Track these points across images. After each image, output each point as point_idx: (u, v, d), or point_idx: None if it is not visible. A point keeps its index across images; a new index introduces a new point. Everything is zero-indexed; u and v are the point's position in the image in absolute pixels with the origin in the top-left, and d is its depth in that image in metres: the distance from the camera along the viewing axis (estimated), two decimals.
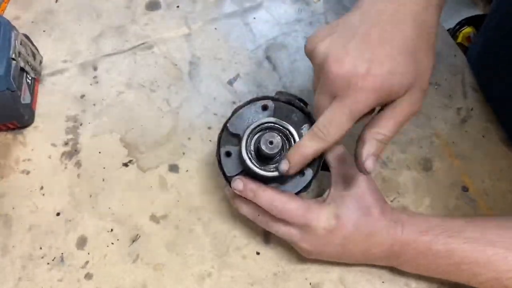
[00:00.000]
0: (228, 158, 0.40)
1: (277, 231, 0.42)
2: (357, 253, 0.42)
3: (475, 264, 0.39)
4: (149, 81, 0.57)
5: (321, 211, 0.40)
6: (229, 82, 0.57)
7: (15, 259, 0.47)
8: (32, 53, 0.54)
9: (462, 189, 0.50)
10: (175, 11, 0.63)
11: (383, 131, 0.36)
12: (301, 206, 0.39)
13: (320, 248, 0.41)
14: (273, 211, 0.39)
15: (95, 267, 0.46)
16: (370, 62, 0.34)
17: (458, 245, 0.39)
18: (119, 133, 0.54)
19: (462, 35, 0.75)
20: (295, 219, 0.39)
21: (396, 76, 0.34)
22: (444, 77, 0.57)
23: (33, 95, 0.54)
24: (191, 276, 0.45)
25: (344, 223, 0.40)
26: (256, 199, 0.39)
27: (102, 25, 0.62)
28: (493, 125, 0.53)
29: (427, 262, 0.41)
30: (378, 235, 0.40)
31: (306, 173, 0.40)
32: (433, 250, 0.40)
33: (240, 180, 0.39)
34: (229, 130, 0.41)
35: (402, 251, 0.41)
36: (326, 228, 0.39)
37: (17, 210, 0.49)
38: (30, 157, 0.52)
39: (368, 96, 0.34)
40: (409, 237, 0.40)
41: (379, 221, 0.40)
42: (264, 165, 0.39)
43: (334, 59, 0.35)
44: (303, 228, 0.40)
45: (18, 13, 0.63)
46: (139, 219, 0.48)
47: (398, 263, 0.43)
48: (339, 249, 0.41)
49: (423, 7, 0.36)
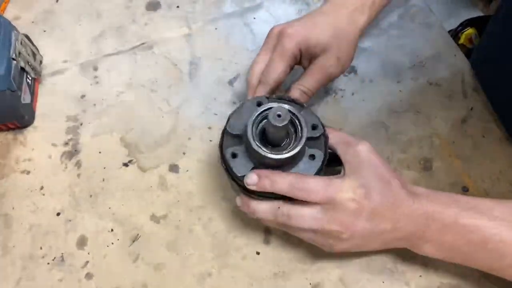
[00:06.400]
0: (235, 159, 0.40)
1: (302, 220, 0.39)
2: (386, 230, 0.39)
3: (503, 244, 0.37)
4: (149, 81, 0.57)
5: (343, 183, 0.38)
6: (229, 82, 0.57)
7: (15, 259, 0.47)
8: (32, 53, 0.55)
9: (462, 189, 0.50)
10: (175, 11, 0.63)
11: (304, 83, 0.47)
12: (322, 181, 0.38)
13: (349, 227, 0.38)
14: (294, 191, 0.38)
15: (95, 267, 0.46)
16: (298, 22, 0.49)
17: (486, 222, 0.38)
18: (119, 133, 0.54)
19: (464, 36, 0.75)
20: (319, 195, 0.38)
21: (314, 32, 0.47)
22: (444, 77, 0.57)
23: (33, 95, 0.55)
24: (191, 276, 0.45)
25: (370, 193, 0.38)
26: (275, 186, 0.38)
27: (102, 25, 0.62)
28: (493, 125, 0.53)
29: (452, 239, 0.39)
30: (403, 205, 0.39)
31: (316, 155, 0.40)
32: (459, 224, 0.38)
33: (254, 172, 0.39)
34: (229, 133, 0.41)
35: (427, 224, 0.39)
36: (353, 199, 0.38)
37: (17, 210, 0.49)
38: (30, 157, 0.52)
39: (291, 41, 0.47)
40: (434, 208, 0.39)
41: (401, 191, 0.39)
42: (274, 151, 0.38)
43: (278, 25, 0.49)
44: (329, 205, 0.38)
45: (18, 13, 0.63)
46: (139, 219, 0.48)
47: (423, 241, 0.40)
48: (368, 226, 0.39)
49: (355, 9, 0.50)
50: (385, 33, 0.60)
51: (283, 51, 0.47)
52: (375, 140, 0.52)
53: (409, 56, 0.58)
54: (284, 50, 0.47)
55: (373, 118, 0.54)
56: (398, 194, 0.39)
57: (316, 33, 0.47)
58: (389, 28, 0.60)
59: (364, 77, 0.57)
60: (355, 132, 0.47)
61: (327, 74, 0.48)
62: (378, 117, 0.54)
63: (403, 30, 0.60)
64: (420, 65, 0.58)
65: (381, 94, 0.56)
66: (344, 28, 0.49)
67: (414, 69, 0.57)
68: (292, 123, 0.39)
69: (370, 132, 0.53)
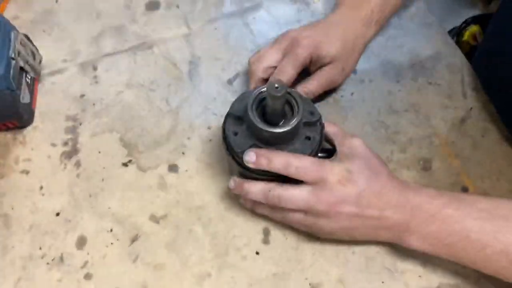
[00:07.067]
0: (236, 136, 0.42)
1: (292, 201, 0.42)
2: (372, 216, 0.41)
3: (485, 234, 0.39)
4: (149, 81, 0.57)
5: (333, 165, 0.42)
6: (229, 82, 0.57)
7: (14, 259, 0.47)
8: (32, 52, 0.54)
9: (462, 189, 0.50)
10: (175, 11, 0.63)
11: (309, 86, 0.51)
12: (315, 161, 0.41)
13: (336, 208, 0.41)
14: (288, 169, 0.41)
15: (94, 267, 0.46)
16: (312, 31, 0.52)
17: (470, 213, 0.39)
18: (119, 133, 0.54)
19: (468, 33, 0.75)
20: (312, 174, 0.41)
21: (326, 44, 0.51)
22: (444, 77, 0.57)
23: (32, 95, 0.54)
24: (191, 276, 0.45)
25: (356, 178, 0.41)
26: (271, 164, 0.41)
27: (102, 25, 0.62)
28: (493, 125, 0.53)
29: (436, 229, 0.40)
30: (389, 194, 0.41)
31: (312, 136, 0.42)
32: (443, 214, 0.40)
33: (252, 150, 0.41)
34: (232, 114, 0.42)
35: (413, 214, 0.41)
36: (340, 181, 0.41)
37: (17, 210, 0.49)
38: (30, 157, 0.52)
39: (304, 51, 0.50)
40: (421, 198, 0.41)
41: (389, 181, 0.42)
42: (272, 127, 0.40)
43: (293, 30, 0.53)
44: (318, 186, 0.41)
45: (18, 13, 0.63)
46: (139, 219, 0.48)
47: (409, 232, 0.41)
48: (354, 209, 0.41)
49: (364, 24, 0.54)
50: (385, 33, 0.60)
51: (297, 58, 0.50)
52: (375, 140, 0.52)
53: (408, 56, 0.58)
54: (297, 57, 0.50)
55: (373, 118, 0.54)
56: (385, 184, 0.42)
57: (327, 45, 0.51)
58: (389, 28, 0.60)
59: (363, 77, 0.57)
60: (355, 132, 0.47)
61: (331, 81, 0.53)
62: (378, 117, 0.54)
63: (402, 30, 0.60)
64: (420, 65, 0.58)
65: (381, 94, 0.56)
66: (352, 41, 0.53)
67: (413, 69, 0.57)
68: (289, 103, 0.41)
69: (369, 131, 0.53)
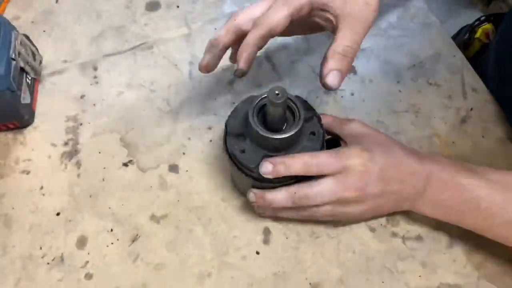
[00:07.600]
0: (243, 154, 0.41)
1: (321, 196, 0.41)
2: (395, 189, 0.42)
3: (494, 204, 0.39)
4: (149, 81, 0.57)
5: (350, 151, 0.41)
6: (228, 83, 0.57)
7: (15, 259, 0.47)
8: (32, 53, 0.54)
9: None
10: (175, 11, 0.63)
11: (342, 41, 0.39)
12: (331, 153, 0.41)
13: (364, 189, 0.41)
14: (309, 169, 0.40)
15: (95, 267, 0.46)
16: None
17: (481, 182, 0.40)
18: (119, 133, 0.54)
19: (481, 30, 0.75)
20: (333, 166, 0.40)
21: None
22: (444, 77, 0.57)
23: (33, 95, 0.55)
24: (191, 276, 0.45)
25: (374, 155, 0.41)
26: (290, 169, 0.40)
27: (102, 25, 0.62)
28: (493, 125, 0.53)
29: (449, 197, 0.41)
30: (406, 164, 0.42)
31: (315, 131, 0.42)
32: (456, 182, 0.41)
33: (266, 161, 0.40)
34: (231, 133, 0.42)
35: (428, 181, 0.41)
36: (361, 164, 0.40)
37: (17, 210, 0.49)
38: (30, 157, 0.52)
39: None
40: (433, 167, 0.42)
41: (402, 152, 0.42)
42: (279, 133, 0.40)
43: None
44: (341, 174, 0.40)
45: (18, 13, 0.63)
46: (139, 219, 0.48)
47: (422, 200, 0.42)
48: (379, 186, 0.41)
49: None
50: (385, 33, 0.60)
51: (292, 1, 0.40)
52: None
53: (408, 56, 0.58)
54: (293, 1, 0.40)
55: (373, 118, 0.54)
56: (400, 155, 0.42)
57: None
58: (389, 28, 0.61)
59: (363, 77, 0.57)
60: None
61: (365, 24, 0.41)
62: (378, 117, 0.54)
63: (402, 30, 0.60)
64: (420, 65, 0.58)
65: (381, 94, 0.56)
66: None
67: (413, 69, 0.57)
68: (289, 107, 0.41)
69: None
